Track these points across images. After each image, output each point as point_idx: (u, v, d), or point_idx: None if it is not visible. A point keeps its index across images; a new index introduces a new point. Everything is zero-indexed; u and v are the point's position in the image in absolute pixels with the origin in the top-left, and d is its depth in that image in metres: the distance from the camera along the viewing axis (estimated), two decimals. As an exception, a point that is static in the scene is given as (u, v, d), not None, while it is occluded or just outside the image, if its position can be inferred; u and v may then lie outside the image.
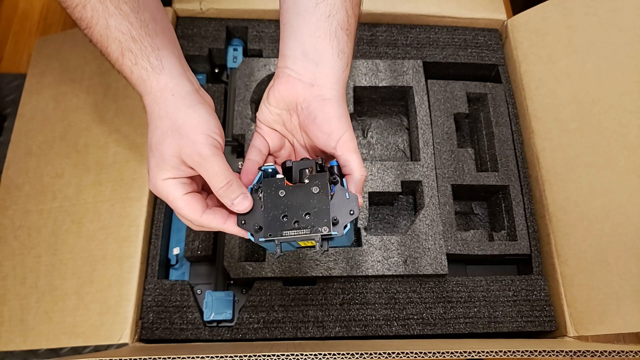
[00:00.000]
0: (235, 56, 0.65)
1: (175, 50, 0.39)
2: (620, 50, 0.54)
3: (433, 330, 0.53)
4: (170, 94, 0.37)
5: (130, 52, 0.36)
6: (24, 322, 0.51)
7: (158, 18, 0.38)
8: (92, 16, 0.36)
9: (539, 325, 0.54)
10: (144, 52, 0.36)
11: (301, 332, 0.52)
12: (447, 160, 0.59)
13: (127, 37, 0.36)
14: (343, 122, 0.38)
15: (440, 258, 0.54)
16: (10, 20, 0.79)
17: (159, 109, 0.37)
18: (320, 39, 0.38)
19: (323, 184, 0.35)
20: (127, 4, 0.36)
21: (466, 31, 0.66)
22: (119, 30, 0.36)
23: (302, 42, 0.38)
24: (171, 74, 0.37)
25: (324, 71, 0.38)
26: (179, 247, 0.57)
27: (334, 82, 0.38)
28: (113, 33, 0.36)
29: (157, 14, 0.38)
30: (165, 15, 0.41)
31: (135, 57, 0.36)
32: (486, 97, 0.63)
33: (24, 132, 0.60)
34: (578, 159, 0.55)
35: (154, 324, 0.52)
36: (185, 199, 0.36)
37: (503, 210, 0.60)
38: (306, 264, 0.53)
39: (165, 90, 0.37)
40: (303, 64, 0.38)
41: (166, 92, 0.37)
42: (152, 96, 0.37)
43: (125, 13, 0.36)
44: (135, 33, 0.36)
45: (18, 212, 0.56)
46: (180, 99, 0.37)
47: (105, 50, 0.37)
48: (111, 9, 0.35)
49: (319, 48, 0.38)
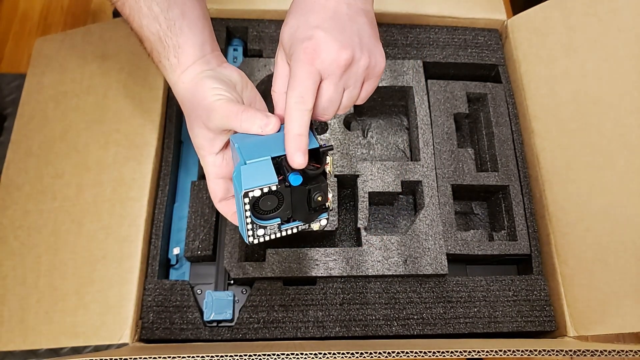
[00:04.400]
0: (235, 56, 0.65)
1: (198, 38, 0.41)
2: (620, 50, 0.54)
3: (433, 330, 0.53)
4: (182, 82, 0.40)
5: (157, 50, 0.40)
6: (24, 322, 0.51)
7: (187, 11, 0.40)
8: (130, 14, 0.39)
9: (539, 325, 0.54)
10: (166, 50, 0.39)
11: (301, 332, 0.52)
12: (447, 160, 0.59)
13: (155, 37, 0.39)
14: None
15: (440, 258, 0.54)
16: (10, 20, 0.79)
17: (178, 97, 0.41)
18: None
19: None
20: (159, 4, 0.38)
21: (466, 31, 0.66)
22: (150, 31, 0.39)
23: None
24: (184, 65, 0.40)
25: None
26: (179, 247, 0.57)
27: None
28: (145, 32, 0.39)
29: (188, 7, 0.40)
30: (199, 2, 0.42)
31: (159, 55, 0.40)
32: (486, 97, 0.63)
33: (24, 132, 0.60)
34: (578, 159, 0.55)
35: (154, 324, 0.52)
36: (212, 183, 0.41)
37: (503, 210, 0.60)
38: (306, 264, 0.53)
39: (179, 82, 0.40)
40: None
41: (179, 83, 0.40)
42: (174, 88, 0.41)
43: (155, 14, 0.38)
44: (162, 33, 0.39)
45: (18, 212, 0.56)
46: (191, 83, 0.39)
47: (141, 44, 0.41)
48: (144, 9, 0.38)
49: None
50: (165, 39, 0.39)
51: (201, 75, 0.39)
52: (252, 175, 0.34)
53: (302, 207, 0.37)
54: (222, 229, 0.57)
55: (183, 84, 0.40)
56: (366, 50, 0.36)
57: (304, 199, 0.37)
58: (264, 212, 0.36)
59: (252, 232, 0.37)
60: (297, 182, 0.35)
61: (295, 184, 0.35)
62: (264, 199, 0.35)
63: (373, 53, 0.37)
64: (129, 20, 0.39)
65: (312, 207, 0.37)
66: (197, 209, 0.57)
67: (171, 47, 0.39)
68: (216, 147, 0.39)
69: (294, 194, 0.36)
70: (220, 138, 0.39)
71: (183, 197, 0.60)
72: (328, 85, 0.36)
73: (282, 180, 0.35)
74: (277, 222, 0.37)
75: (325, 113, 0.37)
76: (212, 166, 0.40)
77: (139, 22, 0.39)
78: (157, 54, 0.40)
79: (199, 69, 0.40)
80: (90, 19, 0.79)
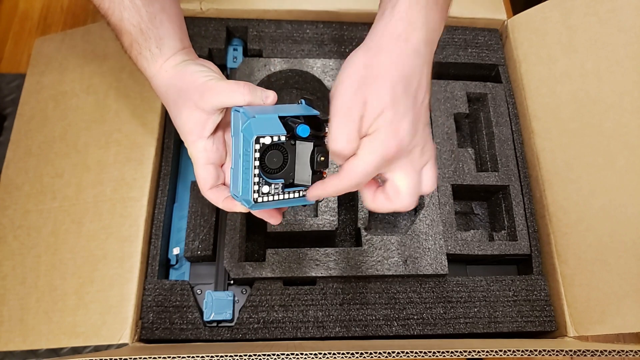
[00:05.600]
0: (235, 56, 0.65)
1: (177, 32, 0.42)
2: (620, 50, 0.54)
3: (433, 330, 0.53)
4: (164, 70, 0.40)
5: (137, 43, 0.40)
6: (23, 322, 0.51)
7: (167, 7, 0.41)
8: (109, 7, 0.39)
9: (539, 325, 0.54)
10: (147, 42, 0.40)
11: (301, 332, 0.52)
12: (447, 160, 0.59)
13: (136, 30, 0.39)
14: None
15: (440, 258, 0.54)
16: (10, 20, 0.79)
17: (160, 87, 0.41)
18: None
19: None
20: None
21: (466, 31, 0.66)
22: (131, 23, 0.39)
23: None
24: (166, 55, 0.40)
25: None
26: (179, 247, 0.57)
27: None
28: (125, 25, 0.39)
29: (167, 2, 0.41)
30: (175, 0, 0.43)
31: (140, 47, 0.40)
32: (486, 97, 0.63)
33: (24, 132, 0.60)
34: (578, 159, 0.55)
35: (154, 324, 0.52)
36: (201, 169, 0.40)
37: (503, 210, 0.60)
38: (306, 264, 0.53)
39: (161, 71, 0.40)
40: None
41: (162, 72, 0.40)
42: (154, 79, 0.41)
43: (137, 7, 0.39)
44: (144, 26, 0.39)
45: (18, 212, 0.56)
46: (175, 70, 0.40)
47: (119, 38, 0.41)
48: (126, 2, 0.39)
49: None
50: (146, 31, 0.39)
51: (184, 63, 0.40)
52: (262, 126, 0.35)
53: (305, 168, 0.37)
54: (222, 229, 0.57)
55: (166, 72, 0.40)
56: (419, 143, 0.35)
57: (307, 159, 0.37)
58: (270, 169, 0.36)
59: (258, 187, 0.36)
60: (305, 133, 0.36)
61: (304, 135, 0.36)
62: (271, 154, 0.36)
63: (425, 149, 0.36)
64: (108, 15, 0.39)
65: (314, 168, 0.37)
66: (197, 209, 0.56)
67: (153, 39, 0.40)
68: (207, 130, 0.39)
69: (299, 152, 0.37)
70: (212, 119, 0.38)
71: (183, 197, 0.60)
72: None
73: (290, 137, 0.36)
74: (282, 183, 0.37)
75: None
76: (202, 151, 0.39)
77: (120, 15, 0.39)
78: (137, 45, 0.40)
79: (180, 58, 0.41)
80: (90, 19, 0.79)
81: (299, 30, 0.64)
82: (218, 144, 0.40)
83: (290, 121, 0.36)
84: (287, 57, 0.63)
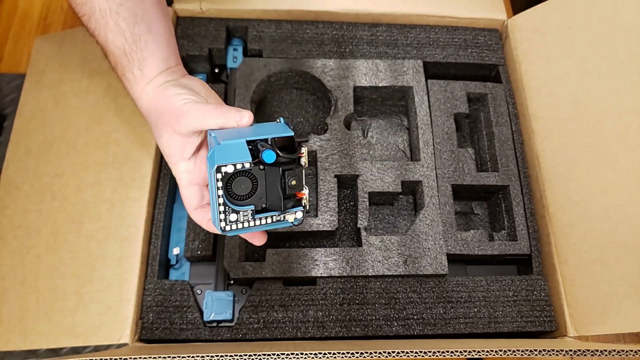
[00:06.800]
0: (235, 56, 0.65)
1: (163, 52, 0.41)
2: (620, 50, 0.54)
3: (433, 330, 0.53)
4: (146, 93, 0.41)
5: (121, 65, 0.40)
6: (23, 322, 0.51)
7: (154, 26, 0.41)
8: (95, 28, 0.40)
9: (539, 325, 0.54)
10: (130, 64, 0.40)
11: (301, 332, 0.52)
12: (447, 160, 0.59)
13: (120, 52, 0.40)
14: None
15: (440, 258, 0.54)
16: (10, 20, 0.79)
17: (143, 109, 0.41)
18: None
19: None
20: (126, 20, 0.39)
21: (466, 31, 0.66)
22: (115, 45, 0.40)
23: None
24: (148, 77, 0.41)
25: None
26: (179, 247, 0.57)
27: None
28: (110, 46, 0.40)
29: (154, 23, 0.41)
30: (165, 18, 0.42)
31: (123, 69, 0.41)
32: (486, 97, 0.63)
33: (24, 131, 0.60)
34: (578, 159, 0.55)
35: (154, 324, 0.52)
36: (185, 190, 0.41)
37: (503, 210, 0.60)
38: (306, 264, 0.53)
39: (142, 94, 0.41)
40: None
41: (143, 95, 0.41)
42: (137, 101, 0.41)
43: (121, 29, 0.39)
44: (128, 48, 0.40)
45: (17, 211, 0.56)
46: (155, 93, 0.40)
47: (105, 58, 0.42)
48: (110, 24, 0.39)
49: None
50: (130, 53, 0.40)
51: (165, 85, 0.40)
52: (226, 153, 0.34)
53: (276, 193, 0.36)
54: (222, 229, 0.57)
55: (147, 95, 0.40)
56: None
57: (278, 184, 0.36)
58: (237, 196, 0.36)
59: (225, 215, 0.36)
60: (270, 159, 0.35)
61: (269, 162, 0.35)
62: (238, 181, 0.35)
63: None
64: (95, 35, 0.40)
65: (286, 193, 0.36)
66: (197, 208, 0.56)
67: (136, 61, 0.40)
68: (187, 153, 0.39)
69: (268, 177, 0.36)
70: (191, 142, 0.39)
71: (183, 197, 0.60)
72: None
73: (257, 163, 0.35)
74: (251, 209, 0.36)
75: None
76: (184, 173, 0.40)
77: (105, 37, 0.39)
78: (121, 67, 0.40)
79: (162, 79, 0.41)
80: (90, 19, 0.79)
81: (299, 30, 0.64)
82: (201, 163, 0.40)
83: (260, 144, 0.35)
84: (287, 57, 0.63)
